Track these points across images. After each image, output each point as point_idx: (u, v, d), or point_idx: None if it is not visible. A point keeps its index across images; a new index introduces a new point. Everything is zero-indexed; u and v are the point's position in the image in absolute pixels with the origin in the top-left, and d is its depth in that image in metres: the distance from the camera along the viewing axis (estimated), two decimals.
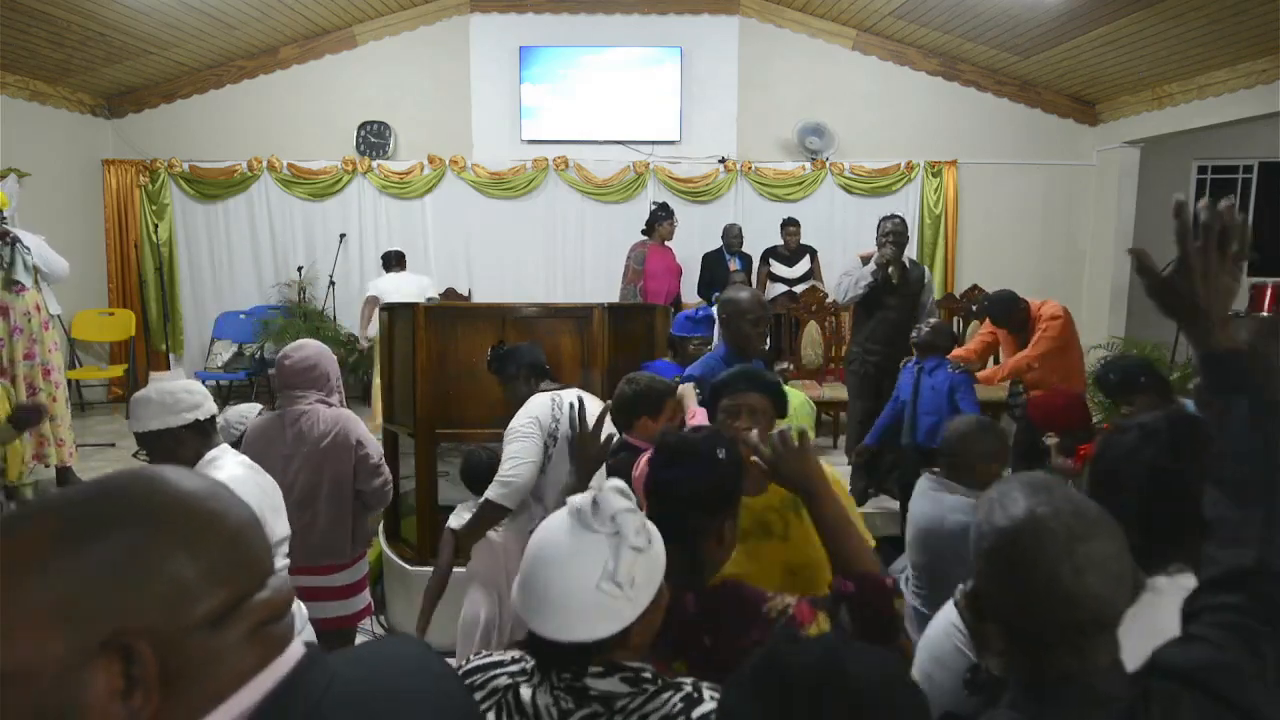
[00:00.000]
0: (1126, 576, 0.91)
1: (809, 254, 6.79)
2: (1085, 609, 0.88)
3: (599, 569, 1.07)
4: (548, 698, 1.12)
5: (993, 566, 0.94)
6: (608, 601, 1.06)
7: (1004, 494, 0.97)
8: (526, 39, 7.25)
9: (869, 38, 7.34)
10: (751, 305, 2.84)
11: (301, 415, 2.81)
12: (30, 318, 4.54)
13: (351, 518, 2.89)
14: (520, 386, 2.89)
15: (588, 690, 1.09)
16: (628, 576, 1.07)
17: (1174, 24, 5.47)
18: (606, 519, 1.09)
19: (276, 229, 7.44)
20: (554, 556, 1.09)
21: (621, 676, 1.10)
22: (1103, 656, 0.91)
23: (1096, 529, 0.91)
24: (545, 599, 1.08)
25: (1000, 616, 0.95)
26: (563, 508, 1.15)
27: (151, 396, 1.97)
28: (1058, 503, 0.92)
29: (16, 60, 6.01)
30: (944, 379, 3.92)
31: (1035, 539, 0.91)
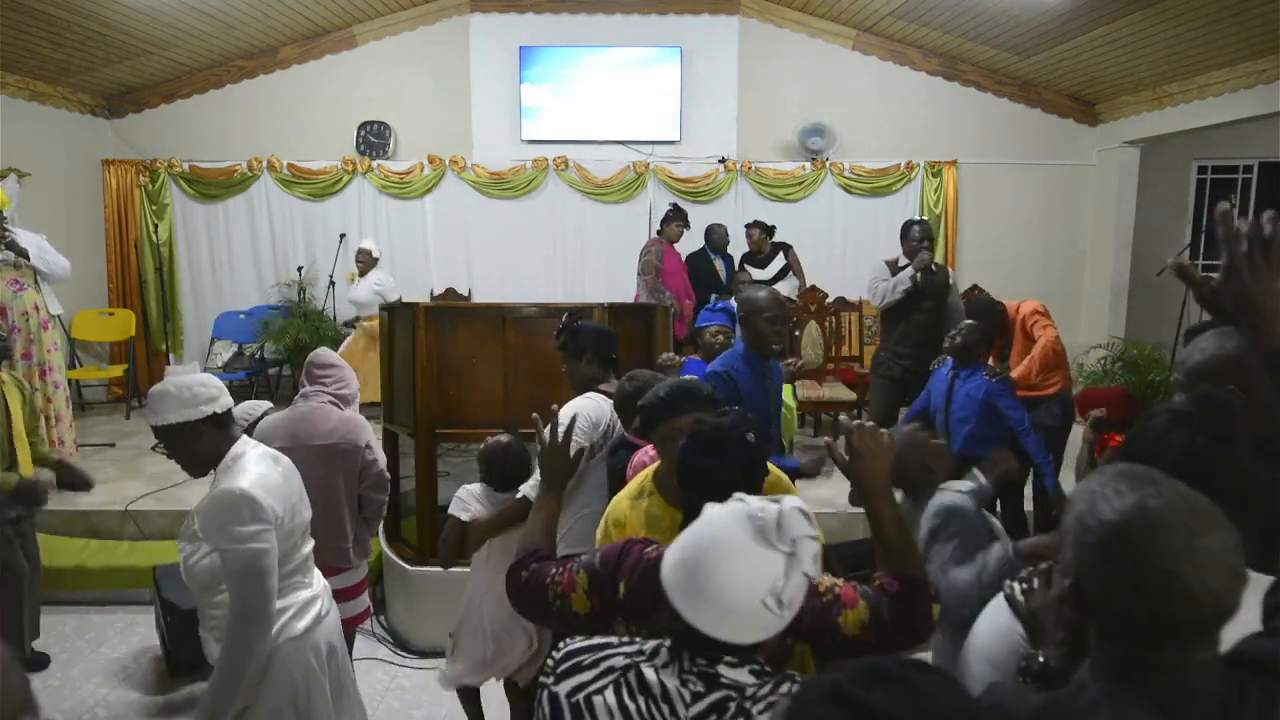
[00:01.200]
0: (1242, 571, 0.88)
1: (782, 250, 6.76)
2: (1205, 606, 0.86)
3: (768, 584, 1.10)
4: (675, 680, 1.16)
5: (1102, 561, 0.91)
6: (766, 615, 1.11)
7: (1107, 485, 0.93)
8: (526, 39, 7.25)
9: (869, 38, 7.34)
10: (769, 304, 2.85)
11: (312, 410, 2.86)
12: (29, 317, 4.54)
13: (351, 523, 2.89)
14: (584, 369, 2.79)
15: (719, 677, 1.15)
16: (791, 599, 1.12)
17: (1174, 24, 5.46)
18: (788, 539, 1.13)
19: (276, 229, 7.44)
20: (729, 557, 1.12)
21: (751, 669, 1.16)
22: (1205, 651, 0.89)
23: (1212, 523, 0.88)
24: (709, 595, 1.11)
25: (1108, 610, 0.92)
26: (735, 504, 1.18)
27: (169, 390, 1.97)
28: (1169, 496, 0.90)
29: (16, 60, 6.01)
30: (980, 386, 3.77)
31: (1150, 534, 0.88)
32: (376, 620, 3.99)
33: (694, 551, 1.15)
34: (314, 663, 2.08)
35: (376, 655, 3.79)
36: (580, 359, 2.80)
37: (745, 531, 1.13)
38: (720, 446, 1.48)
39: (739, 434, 1.48)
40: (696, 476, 1.49)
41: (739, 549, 1.12)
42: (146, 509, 4.60)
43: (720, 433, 1.50)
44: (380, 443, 3.08)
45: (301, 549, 2.13)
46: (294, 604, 2.07)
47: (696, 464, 1.50)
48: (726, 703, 1.14)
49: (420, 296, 7.00)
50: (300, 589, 2.11)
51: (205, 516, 1.94)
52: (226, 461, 2.01)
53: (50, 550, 4.33)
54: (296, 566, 2.10)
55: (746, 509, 1.16)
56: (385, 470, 3.01)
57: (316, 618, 2.12)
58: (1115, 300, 7.34)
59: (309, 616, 2.10)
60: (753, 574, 1.10)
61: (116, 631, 4.02)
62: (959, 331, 3.94)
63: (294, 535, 2.07)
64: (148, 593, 3.92)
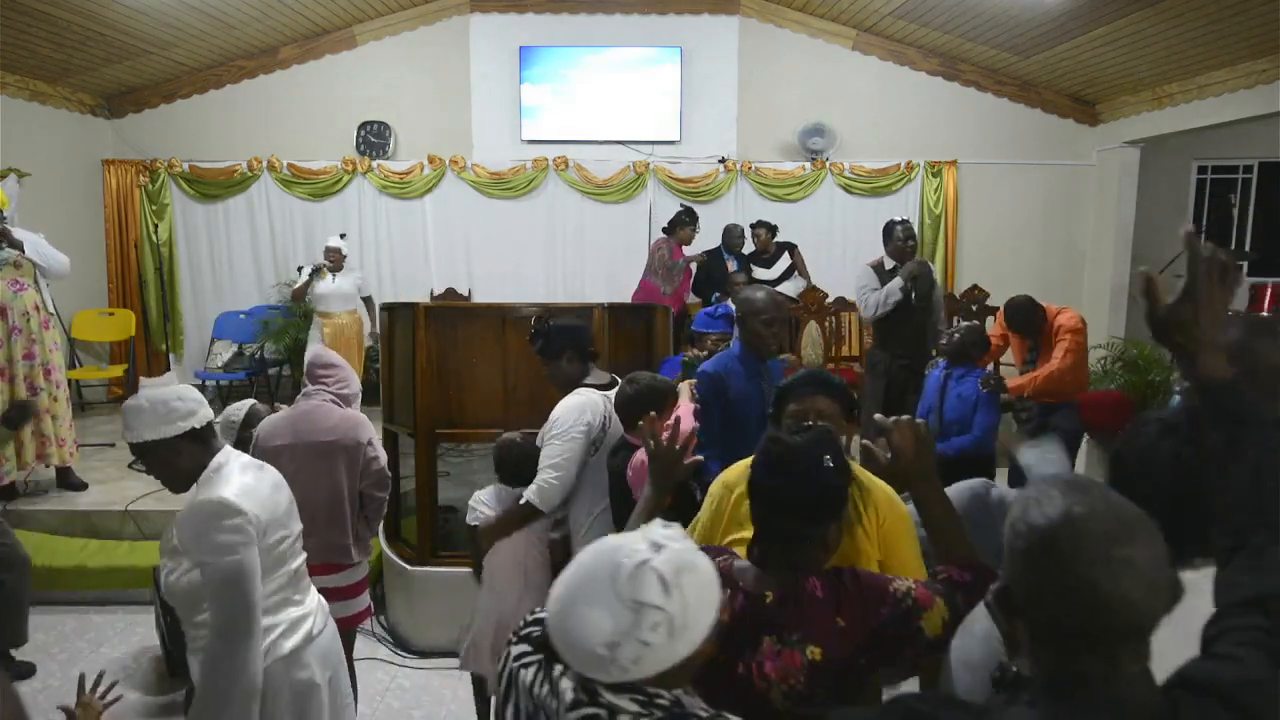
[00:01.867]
0: (1164, 583, 0.89)
1: (787, 250, 6.78)
2: (1120, 615, 0.87)
3: (605, 634, 1.06)
4: (570, 682, 1.13)
5: (1026, 566, 0.93)
6: (603, 661, 1.07)
7: (1041, 492, 0.94)
8: (526, 39, 7.25)
9: (869, 38, 7.34)
10: (766, 305, 2.83)
11: (313, 408, 2.86)
12: (29, 317, 4.53)
13: (352, 520, 2.89)
14: (565, 367, 2.81)
15: (599, 695, 1.11)
16: (630, 657, 1.07)
17: (1174, 24, 5.46)
18: (631, 602, 1.07)
19: (276, 229, 7.44)
20: (582, 594, 1.10)
21: (633, 698, 1.10)
22: (1132, 663, 0.89)
23: (1135, 532, 0.89)
24: (561, 623, 1.11)
25: (1031, 616, 0.94)
26: (615, 541, 1.14)
27: (143, 405, 1.86)
28: (1095, 504, 0.90)
29: (16, 60, 6.01)
30: (972, 388, 3.77)
31: (1072, 541, 0.89)
32: (376, 620, 3.99)
33: (567, 577, 1.13)
34: (305, 685, 1.97)
35: (376, 655, 3.79)
36: (560, 359, 2.81)
37: (608, 572, 1.09)
38: (791, 467, 1.38)
39: (816, 457, 1.38)
40: (763, 496, 1.41)
41: (593, 590, 1.09)
42: (146, 509, 4.59)
43: (793, 452, 1.39)
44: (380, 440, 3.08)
45: (290, 563, 2.01)
46: (282, 622, 1.96)
47: (763, 483, 1.41)
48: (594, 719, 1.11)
49: (420, 296, 7.00)
50: (289, 606, 2.00)
51: (183, 527, 1.83)
52: (208, 472, 1.91)
53: (50, 550, 4.34)
54: (286, 582, 1.99)
55: (617, 549, 1.12)
56: (386, 468, 3.01)
57: (307, 636, 2.00)
58: (1115, 300, 7.34)
59: (298, 635, 1.98)
60: (593, 621, 1.07)
61: (116, 631, 4.02)
62: (956, 331, 3.93)
63: (281, 546, 1.96)
64: (148, 593, 3.92)
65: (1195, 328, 1.05)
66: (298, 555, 2.07)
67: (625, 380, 2.64)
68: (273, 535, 1.92)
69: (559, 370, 2.81)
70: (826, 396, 1.87)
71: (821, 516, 1.39)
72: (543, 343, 2.82)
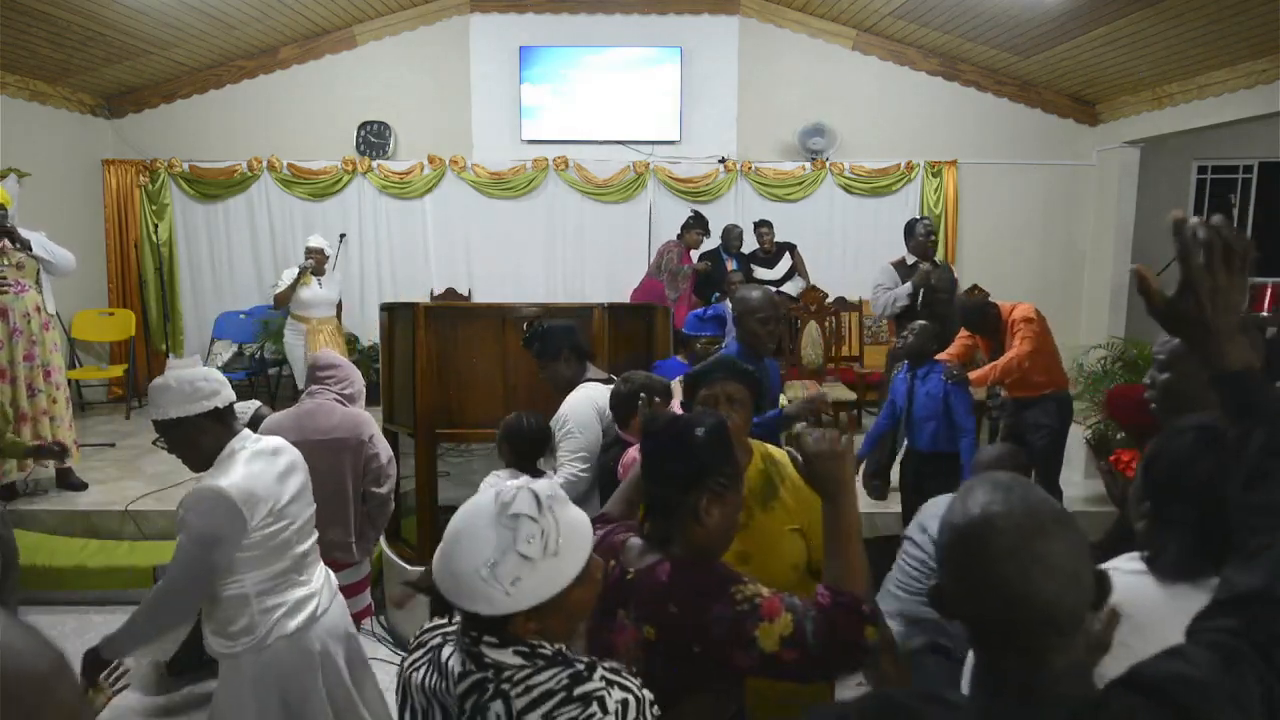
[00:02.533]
0: (1080, 577, 0.90)
1: (788, 250, 6.79)
2: (1032, 608, 0.88)
3: (483, 556, 1.14)
4: (457, 660, 1.21)
5: (949, 563, 0.96)
6: (484, 588, 1.13)
7: (967, 491, 0.97)
8: (526, 39, 7.25)
9: (869, 38, 7.34)
10: (761, 304, 2.85)
11: (316, 406, 2.88)
12: (30, 319, 4.53)
13: (355, 519, 2.89)
14: (563, 369, 2.82)
15: (482, 657, 1.18)
16: (508, 575, 1.13)
17: (1174, 24, 5.46)
18: (509, 517, 1.16)
19: (276, 229, 7.44)
20: (463, 529, 1.18)
21: (516, 650, 1.17)
22: (1057, 659, 0.90)
23: (1048, 528, 0.90)
24: (445, 563, 1.17)
25: (958, 613, 0.96)
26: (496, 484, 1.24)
27: (170, 384, 1.97)
28: (1012, 501, 0.92)
29: (16, 60, 6.01)
30: (938, 384, 3.86)
31: (985, 537, 0.91)
32: (376, 620, 3.99)
33: (450, 527, 1.20)
34: (307, 662, 2.05)
35: (377, 655, 3.78)
36: (558, 360, 2.83)
37: (487, 509, 1.18)
38: (663, 438, 1.47)
39: (687, 428, 1.46)
40: (642, 465, 1.51)
41: (474, 524, 1.17)
42: (146, 509, 4.59)
43: (668, 425, 1.50)
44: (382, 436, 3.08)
45: (297, 546, 2.10)
46: (286, 602, 2.05)
47: (642, 453, 1.52)
48: (485, 684, 1.16)
49: (420, 296, 7.00)
50: (295, 586, 2.09)
51: (184, 505, 1.96)
52: (221, 456, 2.01)
53: (50, 550, 4.34)
54: (291, 565, 2.07)
55: (498, 487, 1.21)
56: (388, 464, 3.00)
57: (311, 616, 2.09)
58: (1115, 300, 7.34)
59: (302, 615, 2.07)
60: (474, 547, 1.14)
61: None
62: (910, 332, 4.01)
63: (287, 531, 2.04)
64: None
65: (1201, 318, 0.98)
66: (308, 537, 2.16)
67: (619, 379, 2.66)
68: (274, 523, 2.00)
69: (557, 372, 2.83)
70: (736, 381, 1.95)
71: (688, 484, 1.43)
72: (539, 345, 2.83)
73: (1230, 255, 0.97)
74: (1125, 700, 0.87)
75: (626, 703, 1.17)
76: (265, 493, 1.98)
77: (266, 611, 2.00)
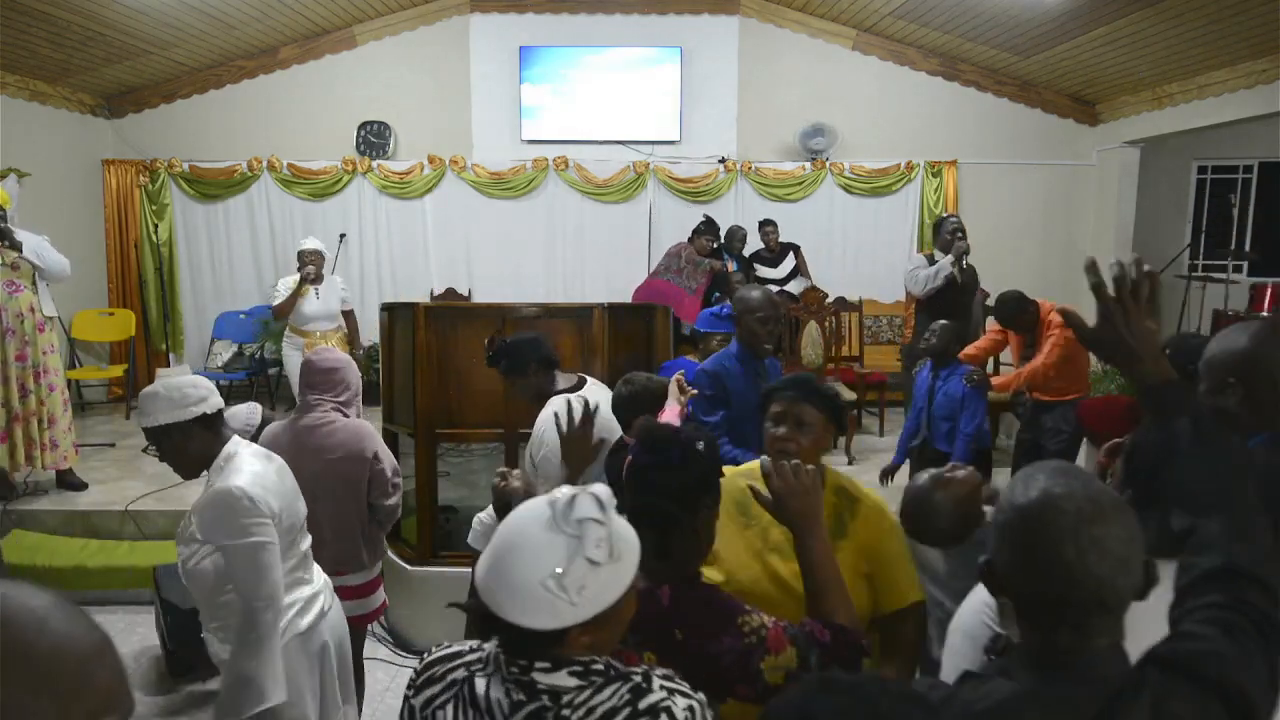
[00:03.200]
0: (1133, 563, 0.95)
1: (792, 250, 6.79)
2: (1084, 588, 0.93)
3: (549, 566, 1.08)
4: (500, 691, 1.13)
5: (1006, 540, 1.00)
6: (549, 599, 1.08)
7: (1029, 475, 1.01)
8: (526, 39, 7.25)
9: (869, 38, 7.34)
10: (761, 304, 2.86)
11: (319, 425, 2.77)
12: (24, 319, 4.51)
13: (363, 530, 2.85)
14: (534, 380, 2.80)
15: (536, 684, 1.11)
16: (576, 584, 1.08)
17: (1174, 24, 5.46)
18: (573, 522, 1.11)
19: (276, 229, 7.44)
20: (519, 542, 1.11)
21: (570, 670, 1.11)
22: (1101, 638, 0.95)
23: (1107, 513, 0.95)
24: (499, 578, 1.10)
25: (1010, 589, 1.00)
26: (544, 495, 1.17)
27: (159, 391, 1.98)
28: (1074, 486, 0.97)
29: (16, 60, 6.01)
30: (958, 386, 3.88)
31: (1046, 516, 0.95)
32: (377, 620, 3.99)
33: (497, 540, 1.15)
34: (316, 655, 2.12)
35: (376, 655, 3.79)
36: (526, 373, 2.80)
37: (540, 517, 1.12)
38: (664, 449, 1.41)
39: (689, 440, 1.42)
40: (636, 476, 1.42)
41: (530, 534, 1.11)
42: (146, 509, 4.60)
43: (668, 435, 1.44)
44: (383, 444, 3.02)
45: (300, 545, 2.15)
46: (298, 600, 2.09)
47: (637, 463, 1.43)
48: (543, 713, 1.10)
49: (420, 296, 7.00)
50: (302, 585, 2.14)
51: (203, 516, 1.95)
52: (219, 461, 2.02)
53: (50, 550, 4.35)
54: (297, 563, 2.12)
55: (549, 497, 1.15)
56: (394, 475, 2.94)
57: (320, 614, 2.15)
58: None
59: (312, 613, 2.12)
60: (538, 555, 1.09)
61: (116, 631, 4.01)
62: (932, 333, 4.01)
63: (292, 532, 2.09)
64: (148, 593, 3.92)
65: (1123, 345, 1.14)
66: (306, 537, 2.20)
67: (621, 381, 2.65)
68: (285, 521, 2.03)
69: (529, 385, 2.81)
70: (812, 405, 1.83)
71: (691, 499, 1.39)
72: (506, 362, 2.81)
73: (1138, 291, 1.13)
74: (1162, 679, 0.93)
75: (693, 709, 1.14)
76: (274, 490, 2.02)
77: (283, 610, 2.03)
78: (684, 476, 1.39)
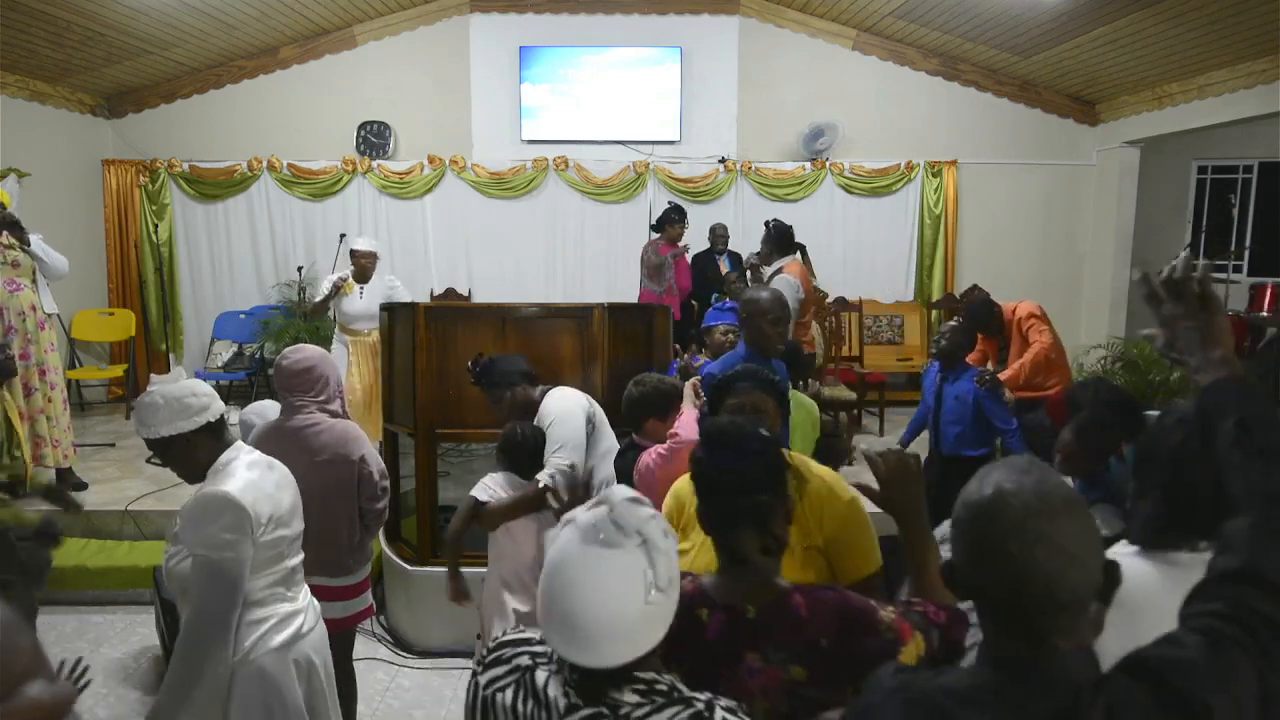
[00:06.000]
0: (1085, 561, 0.92)
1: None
2: (1033, 584, 0.91)
3: (637, 585, 1.05)
4: (559, 689, 1.13)
5: (960, 538, 0.99)
6: (654, 613, 1.06)
7: (986, 472, 1.00)
8: (526, 39, 7.25)
9: (869, 38, 7.34)
10: (771, 305, 2.86)
11: (304, 426, 2.71)
12: (25, 317, 4.52)
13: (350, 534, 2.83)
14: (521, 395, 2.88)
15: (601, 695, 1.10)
16: (668, 578, 1.08)
17: (1174, 24, 5.46)
18: (633, 532, 1.08)
19: (276, 229, 7.44)
20: (587, 581, 1.05)
21: (633, 688, 1.10)
22: (1061, 640, 0.93)
23: (1057, 508, 0.93)
24: (582, 628, 1.04)
25: (968, 589, 1.00)
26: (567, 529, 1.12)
27: (159, 402, 1.90)
28: (1025, 481, 0.95)
29: (16, 60, 6.01)
30: (968, 389, 3.80)
31: (992, 512, 0.95)
32: (376, 620, 3.99)
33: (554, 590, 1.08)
34: (287, 677, 2.02)
35: (376, 655, 3.79)
36: (511, 389, 2.85)
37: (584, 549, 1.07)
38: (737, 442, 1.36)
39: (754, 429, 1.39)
40: (716, 476, 1.35)
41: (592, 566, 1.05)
42: (146, 509, 4.60)
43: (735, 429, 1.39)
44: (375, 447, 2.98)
45: (288, 560, 2.05)
46: (274, 616, 2.00)
47: (715, 463, 1.36)
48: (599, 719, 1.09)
49: (420, 296, 7.00)
50: (282, 601, 2.04)
51: (185, 516, 1.90)
52: (218, 465, 1.97)
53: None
54: (281, 579, 2.03)
55: (578, 526, 1.10)
56: (383, 478, 2.90)
57: (296, 633, 2.05)
58: (1115, 300, 7.34)
59: (288, 631, 2.02)
60: (619, 584, 1.05)
61: (116, 632, 4.02)
62: (943, 334, 3.97)
63: (280, 545, 2.00)
64: (148, 593, 3.92)
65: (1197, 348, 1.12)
66: (296, 554, 2.11)
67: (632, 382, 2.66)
68: (271, 532, 1.96)
69: (516, 400, 2.86)
70: (764, 392, 1.95)
71: (776, 483, 1.35)
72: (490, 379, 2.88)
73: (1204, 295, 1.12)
74: (1121, 682, 0.90)
75: None
76: (266, 500, 1.95)
77: (254, 624, 1.95)
78: (764, 463, 1.36)
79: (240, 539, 1.86)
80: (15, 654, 0.58)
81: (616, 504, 1.11)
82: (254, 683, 1.95)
